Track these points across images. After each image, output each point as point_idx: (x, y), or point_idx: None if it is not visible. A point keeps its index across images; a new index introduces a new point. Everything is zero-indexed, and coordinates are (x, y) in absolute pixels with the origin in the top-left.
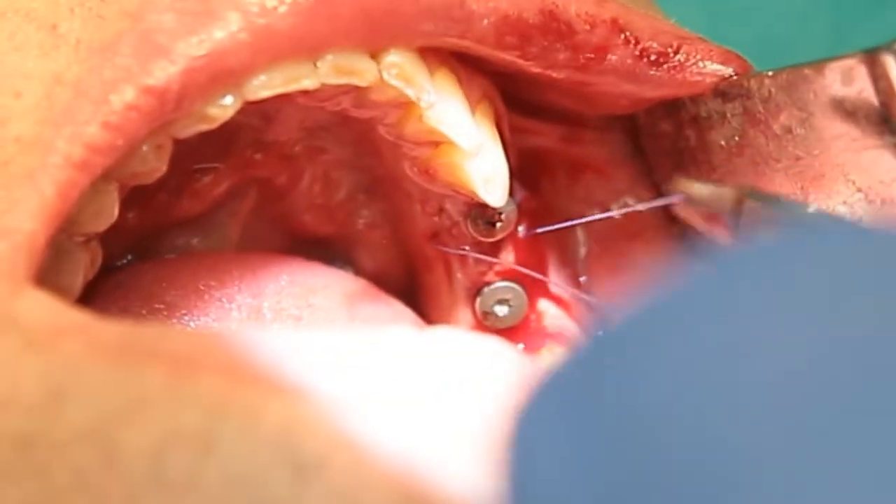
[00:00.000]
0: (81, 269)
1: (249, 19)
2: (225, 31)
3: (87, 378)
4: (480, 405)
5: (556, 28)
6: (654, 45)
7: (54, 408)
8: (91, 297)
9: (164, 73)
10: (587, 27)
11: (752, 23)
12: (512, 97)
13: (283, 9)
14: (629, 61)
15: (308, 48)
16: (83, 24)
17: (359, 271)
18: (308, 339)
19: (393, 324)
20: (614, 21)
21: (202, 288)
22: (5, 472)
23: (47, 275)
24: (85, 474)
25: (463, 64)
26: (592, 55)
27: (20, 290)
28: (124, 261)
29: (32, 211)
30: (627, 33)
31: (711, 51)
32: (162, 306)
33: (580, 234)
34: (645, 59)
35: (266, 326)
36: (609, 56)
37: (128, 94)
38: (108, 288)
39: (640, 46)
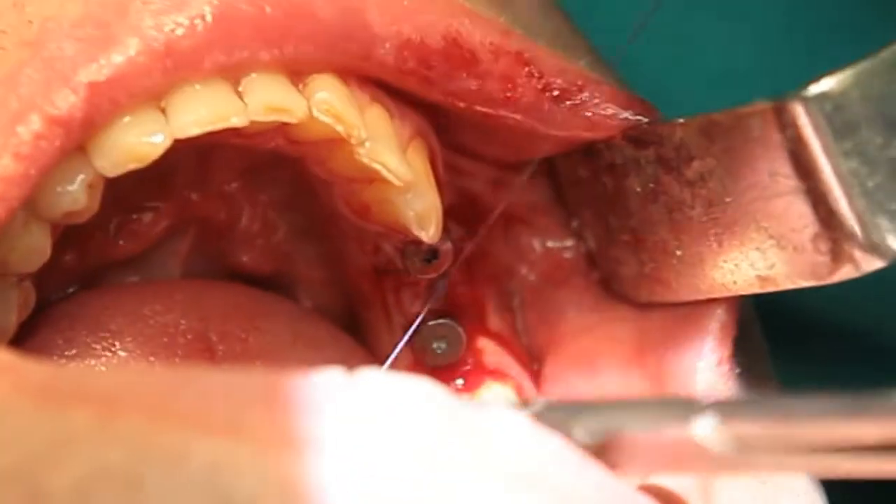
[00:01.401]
0: (14, 308)
1: (147, 43)
2: (123, 55)
3: (12, 419)
4: (405, 450)
5: (458, 55)
6: (559, 81)
7: None
8: (36, 328)
9: (66, 101)
10: (491, 56)
11: (714, 52)
12: (447, 137)
13: (180, 31)
14: (532, 95)
15: (212, 68)
16: None
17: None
18: (237, 378)
19: (334, 346)
20: (519, 53)
21: (147, 314)
22: None
23: None
24: None
25: (396, 101)
26: (495, 86)
27: None
28: (69, 291)
29: None
30: (531, 67)
31: (616, 94)
32: (107, 334)
33: (510, 279)
34: (548, 94)
35: (213, 350)
36: (512, 88)
37: (34, 125)
38: (53, 319)
39: (543, 80)
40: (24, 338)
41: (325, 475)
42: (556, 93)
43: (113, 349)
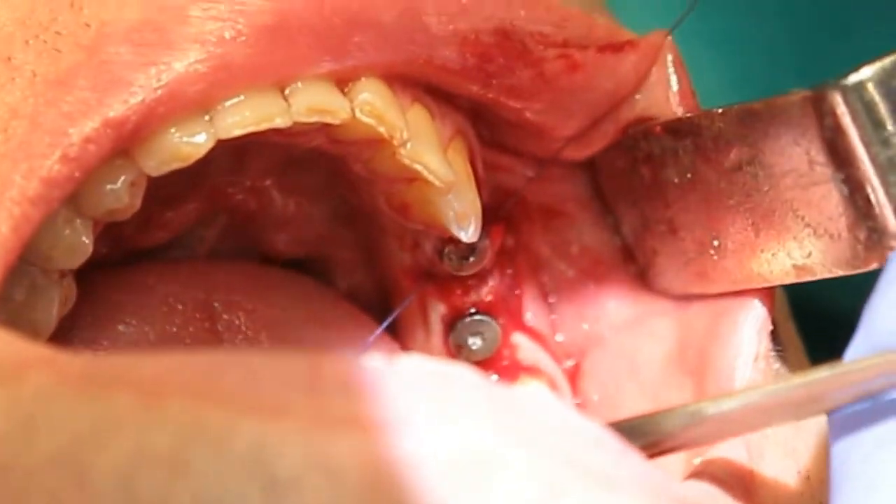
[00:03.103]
0: (56, 304)
1: (207, 49)
2: (181, 62)
3: (56, 406)
4: (480, 426)
5: (514, 48)
6: (605, 37)
7: (25, 436)
8: None
9: (122, 105)
10: (542, 48)
11: (723, 52)
12: (485, 134)
13: (241, 39)
14: (591, 58)
15: (270, 78)
16: (38, 57)
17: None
18: (281, 360)
19: (352, 329)
20: (568, 40)
21: (150, 284)
22: None
23: (20, 310)
24: (58, 497)
25: (436, 100)
26: (556, 67)
27: None
28: None
29: None
30: (584, 47)
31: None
32: (109, 306)
33: (549, 273)
34: (608, 51)
35: (215, 319)
36: (571, 62)
37: (86, 127)
38: None
39: (597, 45)
40: (70, 327)
41: (414, 452)
42: (614, 47)
43: (115, 320)
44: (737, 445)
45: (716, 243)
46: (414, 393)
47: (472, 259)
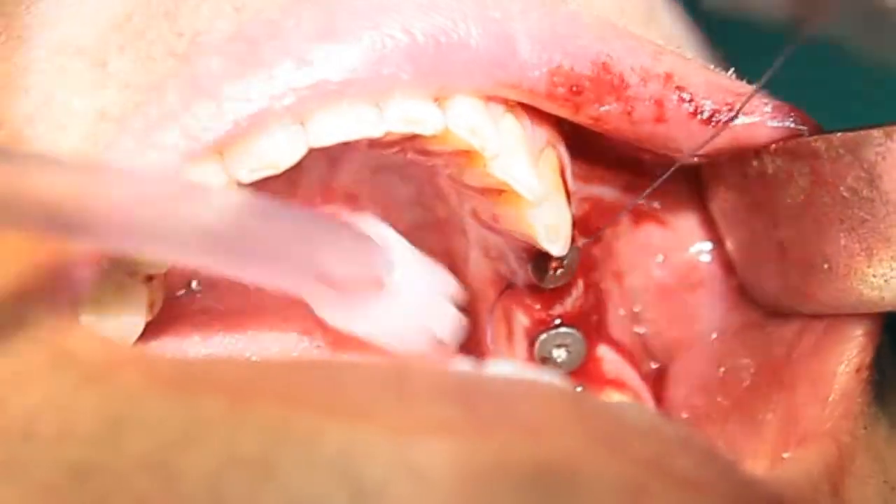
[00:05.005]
0: (144, 308)
1: (297, 67)
2: (274, 76)
3: (145, 408)
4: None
5: (608, 80)
6: (709, 102)
7: (113, 438)
8: (169, 322)
9: (207, 115)
10: (640, 81)
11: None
12: (576, 144)
13: (332, 58)
14: (682, 118)
15: (362, 96)
16: (132, 64)
17: None
18: (366, 366)
19: None
20: (669, 76)
21: (285, 315)
22: (64, 502)
23: (109, 314)
24: (146, 501)
25: (528, 111)
26: (644, 110)
27: (73, 326)
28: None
29: (78, 249)
30: (682, 90)
31: (767, 105)
32: (244, 334)
33: (637, 281)
34: (698, 117)
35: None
36: (661, 111)
37: (170, 135)
38: (189, 312)
39: (693, 103)
40: (156, 333)
41: (501, 458)
42: (705, 115)
43: (249, 350)
44: (828, 444)
45: (826, 266)
46: (502, 399)
47: (559, 272)
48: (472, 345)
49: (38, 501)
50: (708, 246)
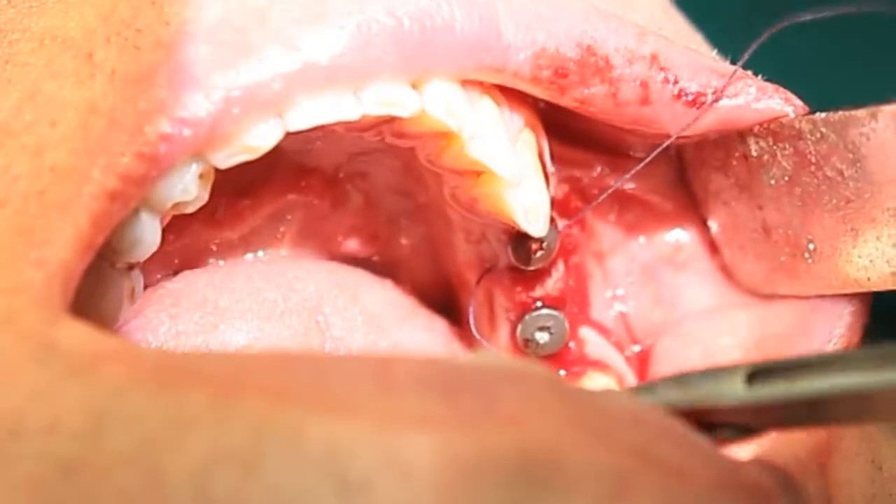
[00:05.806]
0: (124, 296)
1: (285, 53)
2: (260, 64)
3: (130, 402)
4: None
5: (593, 62)
6: (693, 84)
7: (97, 433)
8: (139, 308)
9: (197, 105)
10: (625, 62)
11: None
12: (554, 126)
13: (319, 43)
14: (666, 100)
15: (347, 80)
16: (119, 54)
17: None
18: (352, 359)
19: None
20: (654, 57)
21: (256, 291)
22: (51, 497)
23: (89, 302)
24: (130, 497)
25: (505, 93)
26: (629, 92)
27: (57, 319)
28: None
29: (67, 241)
30: (666, 71)
31: (751, 86)
32: (214, 311)
33: (620, 263)
34: (683, 99)
35: (320, 331)
36: (646, 93)
37: (162, 126)
38: (158, 297)
39: (678, 86)
40: (128, 318)
41: (486, 451)
42: (690, 97)
43: (220, 327)
44: None
45: (811, 247)
46: (486, 391)
47: (539, 254)
48: (455, 330)
49: (24, 497)
50: (691, 227)
